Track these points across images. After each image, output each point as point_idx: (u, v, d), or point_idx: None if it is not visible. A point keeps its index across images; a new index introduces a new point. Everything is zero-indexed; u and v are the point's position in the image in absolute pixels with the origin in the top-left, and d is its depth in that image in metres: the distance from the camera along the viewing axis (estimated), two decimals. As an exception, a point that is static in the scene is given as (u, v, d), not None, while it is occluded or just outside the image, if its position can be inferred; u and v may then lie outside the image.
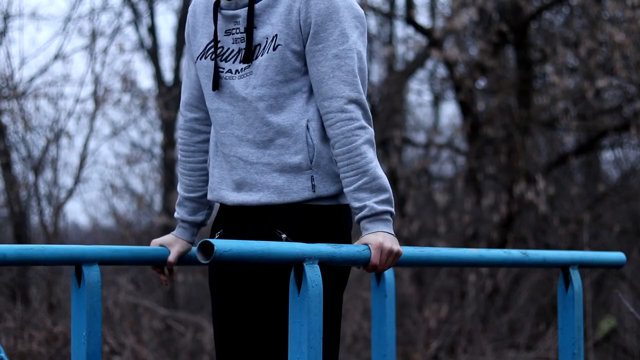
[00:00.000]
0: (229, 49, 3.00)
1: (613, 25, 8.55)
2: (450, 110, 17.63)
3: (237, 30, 2.99)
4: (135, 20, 11.06)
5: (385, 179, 2.93)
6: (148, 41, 11.48)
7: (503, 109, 9.69)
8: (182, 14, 11.53)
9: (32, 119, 7.95)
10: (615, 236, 9.42)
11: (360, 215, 2.90)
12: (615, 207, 9.88)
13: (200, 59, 3.05)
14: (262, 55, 2.95)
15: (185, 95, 3.15)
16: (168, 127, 10.85)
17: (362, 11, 3.00)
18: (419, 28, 9.98)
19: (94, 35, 8.33)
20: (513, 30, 9.53)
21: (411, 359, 8.24)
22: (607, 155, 10.84)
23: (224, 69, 3.00)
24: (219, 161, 3.06)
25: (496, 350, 8.35)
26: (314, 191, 2.95)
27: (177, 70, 11.42)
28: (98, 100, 8.18)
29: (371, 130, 2.94)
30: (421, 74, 11.63)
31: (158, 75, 11.42)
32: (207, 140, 3.15)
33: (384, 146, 9.90)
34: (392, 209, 2.92)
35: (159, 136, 10.92)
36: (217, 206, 3.19)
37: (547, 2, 9.68)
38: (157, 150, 11.08)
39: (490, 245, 9.19)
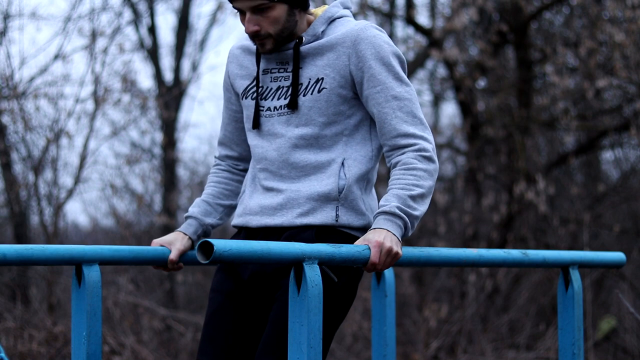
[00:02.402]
0: (267, 87, 3.10)
1: (613, 25, 8.55)
2: (450, 110, 17.64)
3: (278, 70, 3.08)
4: (135, 20, 11.06)
5: (422, 209, 2.97)
6: (148, 41, 11.49)
7: (503, 109, 9.70)
8: (182, 14, 11.54)
9: (32, 119, 7.95)
10: (615, 236, 9.42)
11: (379, 210, 2.94)
12: (615, 207, 9.88)
13: (243, 98, 3.16)
14: (304, 96, 3.04)
15: (220, 135, 3.32)
16: (168, 127, 10.86)
17: (401, 53, 3.10)
18: (419, 28, 9.98)
19: (94, 35, 8.34)
20: (513, 30, 9.53)
21: (411, 359, 8.24)
22: (607, 155, 10.84)
23: (263, 107, 3.10)
24: (252, 190, 3.14)
25: (496, 350, 8.35)
26: (337, 220, 3.03)
27: (177, 70, 11.43)
28: (98, 100, 8.18)
29: (436, 165, 3.01)
30: (421, 74, 11.64)
31: (158, 75, 11.43)
32: (238, 167, 3.30)
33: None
34: (409, 224, 2.94)
35: (159, 136, 10.92)
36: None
37: (547, 2, 9.67)
38: (157, 150, 11.08)
39: (490, 245, 9.19)
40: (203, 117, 23.42)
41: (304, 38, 3.04)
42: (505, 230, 9.26)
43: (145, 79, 25.24)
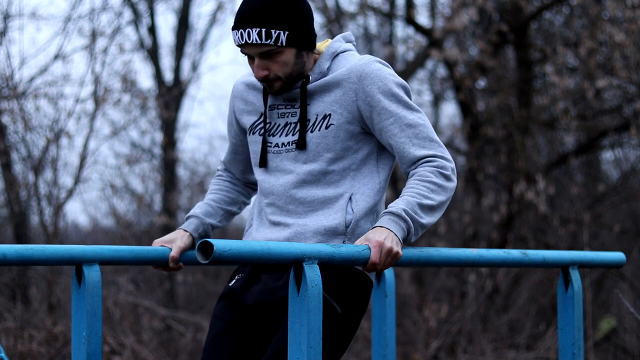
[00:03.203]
0: (275, 123, 3.12)
1: (613, 25, 8.55)
2: (450, 110, 17.65)
3: (285, 107, 3.11)
4: (135, 20, 11.06)
5: (430, 220, 2.98)
6: (148, 41, 11.49)
7: (503, 109, 9.69)
8: (182, 14, 11.54)
9: (32, 119, 7.95)
10: (615, 236, 9.42)
11: (385, 210, 2.96)
12: (615, 207, 9.88)
13: (250, 134, 3.19)
14: (311, 132, 3.06)
15: (225, 155, 3.39)
16: (168, 127, 10.86)
17: (405, 82, 3.13)
18: (419, 28, 9.98)
19: (94, 35, 8.34)
20: (513, 30, 9.52)
21: (411, 359, 8.24)
22: (607, 155, 10.85)
23: (271, 143, 3.13)
24: (259, 223, 3.16)
25: (496, 350, 8.35)
26: None
27: (177, 70, 11.43)
28: (98, 100, 8.18)
29: (453, 185, 3.02)
30: (421, 74, 11.64)
31: (158, 75, 11.43)
32: (239, 181, 3.37)
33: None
34: (412, 228, 2.94)
35: (159, 136, 10.93)
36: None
37: (547, 2, 9.67)
38: (157, 150, 11.08)
39: (490, 245, 9.19)
40: (203, 117, 23.44)
41: (310, 77, 3.07)
42: (505, 230, 9.26)
43: (145, 79, 25.25)
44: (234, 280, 3.16)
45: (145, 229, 10.17)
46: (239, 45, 3.01)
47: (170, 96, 10.41)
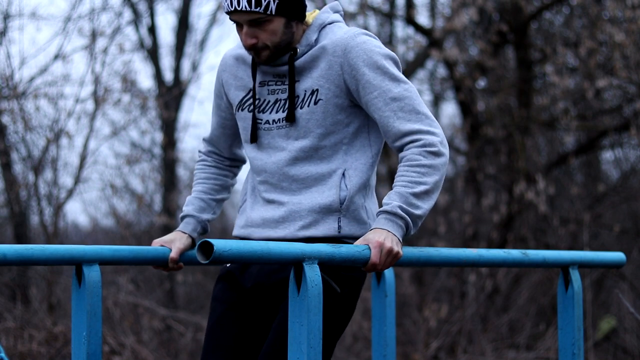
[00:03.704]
0: (265, 100, 3.09)
1: (613, 25, 8.55)
2: (450, 110, 17.65)
3: (275, 83, 3.07)
4: (135, 20, 11.06)
5: (426, 206, 2.95)
6: (148, 41, 11.49)
7: (503, 109, 9.69)
8: (182, 14, 11.54)
9: (32, 119, 7.95)
10: (615, 236, 9.42)
11: (381, 209, 2.94)
12: (615, 207, 9.88)
13: (238, 110, 3.15)
14: (301, 108, 3.03)
15: (209, 133, 3.33)
16: (168, 127, 10.86)
17: (394, 54, 3.09)
18: (419, 28, 9.98)
19: (94, 35, 8.34)
20: (513, 30, 9.52)
21: (411, 359, 8.24)
22: (607, 155, 10.84)
23: (261, 120, 3.09)
24: (253, 202, 3.14)
25: (496, 350, 8.35)
26: (339, 232, 3.03)
27: (177, 70, 11.43)
28: (98, 100, 8.18)
29: (444, 159, 2.97)
30: (421, 74, 11.64)
31: (158, 75, 11.43)
32: (224, 163, 3.33)
33: (384, 146, 9.90)
34: (411, 225, 2.93)
35: (159, 136, 10.92)
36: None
37: (547, 2, 9.67)
38: (157, 150, 11.08)
39: (490, 245, 9.19)
40: (203, 117, 23.39)
41: (298, 49, 3.04)
42: (505, 230, 9.26)
43: (145, 79, 25.24)
44: (228, 264, 3.14)
45: (145, 229, 10.17)
46: (228, 12, 2.98)
47: (170, 96, 10.41)
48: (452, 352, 8.38)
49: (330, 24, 3.10)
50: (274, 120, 3.07)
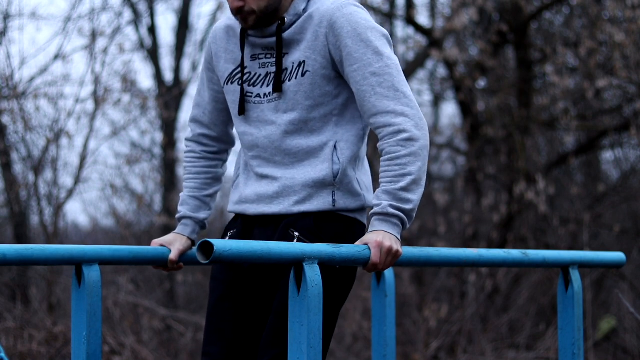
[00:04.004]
0: (256, 73, 3.06)
1: (613, 25, 8.55)
2: (450, 110, 17.64)
3: (265, 56, 3.04)
4: (135, 20, 11.06)
5: (416, 196, 2.92)
6: (148, 41, 11.49)
7: (503, 109, 9.69)
8: (182, 14, 11.54)
9: (32, 119, 7.95)
10: (615, 236, 9.42)
11: (372, 211, 2.93)
12: (615, 207, 9.88)
13: (227, 83, 3.11)
14: (289, 81, 3.00)
15: (195, 112, 3.23)
16: (168, 127, 10.86)
17: (384, 29, 3.04)
18: (419, 28, 9.98)
19: (94, 35, 8.34)
20: (513, 30, 9.52)
21: (411, 359, 8.24)
22: (607, 155, 10.84)
23: (252, 93, 3.06)
24: (246, 178, 3.12)
25: (496, 350, 8.35)
26: (334, 205, 3.01)
27: (177, 70, 11.43)
28: (98, 100, 8.18)
29: (421, 142, 2.92)
30: (421, 74, 11.65)
31: (158, 75, 11.43)
32: (213, 150, 3.25)
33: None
34: (406, 219, 2.92)
35: (159, 136, 10.92)
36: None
37: (547, 2, 9.67)
38: (157, 150, 11.08)
39: (490, 245, 9.19)
40: (203, 117, 23.40)
41: (286, 19, 3.00)
42: (505, 230, 9.26)
43: (145, 79, 25.24)
44: (227, 237, 3.12)
45: (145, 229, 10.16)
46: None
47: (170, 96, 10.41)
48: (452, 352, 8.38)
49: None
50: (264, 94, 3.04)
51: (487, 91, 10.10)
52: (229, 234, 3.13)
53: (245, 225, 3.11)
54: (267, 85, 3.04)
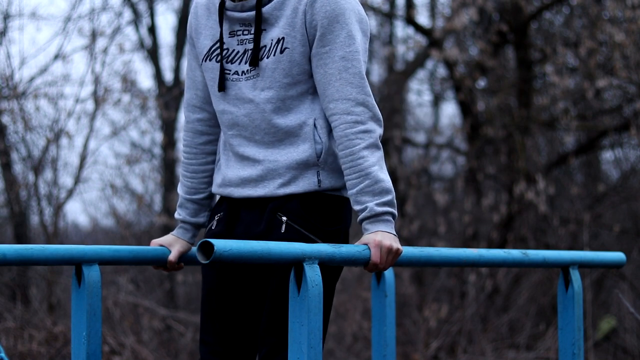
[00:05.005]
0: (234, 50, 3.02)
1: (613, 25, 8.55)
2: (450, 110, 17.64)
3: (242, 32, 3.01)
4: (135, 20, 11.06)
5: (388, 181, 2.92)
6: (148, 41, 11.49)
7: (503, 109, 9.69)
8: (182, 14, 11.54)
9: (32, 119, 7.95)
10: (615, 236, 9.42)
11: (361, 216, 2.92)
12: (615, 207, 9.88)
13: (205, 60, 3.06)
14: (267, 58, 2.97)
15: (187, 95, 3.18)
16: (168, 127, 10.86)
17: (365, 14, 3.02)
18: (419, 28, 9.98)
19: (94, 35, 8.33)
20: (513, 30, 9.52)
21: (411, 359, 8.24)
22: (607, 155, 10.84)
23: (230, 70, 3.02)
24: (227, 159, 3.08)
25: (496, 350, 8.35)
26: (320, 186, 2.98)
27: (177, 70, 11.43)
28: (98, 100, 8.18)
29: (377, 133, 2.94)
30: (421, 74, 11.65)
31: (158, 75, 11.43)
32: (210, 142, 3.18)
33: (384, 146, 9.88)
34: (394, 210, 2.92)
35: (159, 136, 10.92)
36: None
37: (547, 2, 9.67)
38: (157, 150, 11.08)
39: (490, 245, 9.19)
40: (203, 117, 23.40)
41: None
42: (505, 230, 9.26)
43: (145, 79, 25.23)
44: (214, 222, 3.10)
45: (145, 229, 10.16)
46: None
47: (170, 96, 10.41)
48: (452, 352, 8.38)
49: None
50: (243, 72, 3.00)
51: (487, 91, 10.10)
52: (216, 218, 3.09)
53: (231, 209, 3.07)
54: (245, 63, 3.00)
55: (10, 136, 8.08)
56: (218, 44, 3.04)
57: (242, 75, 3.00)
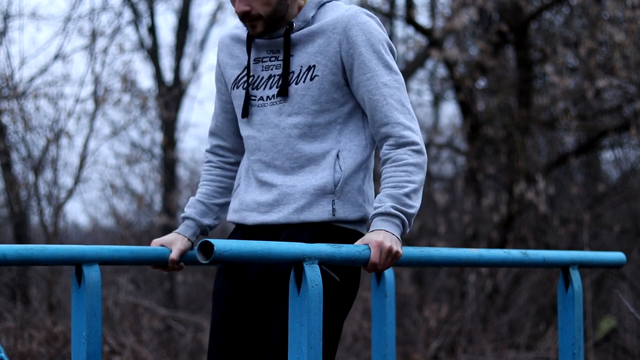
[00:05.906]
0: (259, 76, 3.07)
1: (613, 25, 8.55)
2: (450, 110, 17.65)
3: (269, 59, 3.05)
4: (135, 20, 11.06)
5: (417, 205, 2.95)
6: (148, 41, 11.49)
7: (503, 109, 9.69)
8: (182, 14, 11.55)
9: (32, 119, 7.95)
10: (615, 236, 9.42)
11: (374, 212, 2.93)
12: (615, 207, 9.88)
13: (233, 88, 3.12)
14: (296, 84, 3.00)
15: (211, 124, 3.27)
16: (168, 127, 10.87)
17: (390, 41, 3.08)
18: (419, 28, 9.98)
19: (94, 35, 8.33)
20: (513, 30, 9.52)
21: (411, 359, 8.24)
22: (607, 155, 10.84)
23: (255, 96, 3.06)
24: (247, 184, 3.12)
25: (496, 350, 8.35)
26: (334, 215, 3.00)
27: (177, 70, 11.43)
28: (98, 100, 8.18)
29: (425, 157, 2.99)
30: (421, 74, 11.65)
31: (158, 75, 11.43)
32: (229, 161, 3.25)
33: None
34: (406, 220, 2.93)
35: (159, 136, 10.93)
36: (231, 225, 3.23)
37: (547, 2, 9.67)
38: (157, 150, 11.09)
39: (490, 245, 9.19)
40: (203, 117, 23.40)
41: (294, 24, 3.01)
42: (505, 230, 9.26)
43: (145, 79, 25.23)
44: None
45: (145, 229, 10.17)
46: None
47: (170, 96, 10.41)
48: (452, 352, 8.38)
49: (329, 1, 3.07)
50: (267, 97, 3.04)
51: (487, 91, 10.10)
52: None
53: (246, 237, 3.10)
54: (270, 88, 3.04)
55: (10, 136, 8.08)
56: (245, 72, 3.09)
57: (267, 100, 3.05)
